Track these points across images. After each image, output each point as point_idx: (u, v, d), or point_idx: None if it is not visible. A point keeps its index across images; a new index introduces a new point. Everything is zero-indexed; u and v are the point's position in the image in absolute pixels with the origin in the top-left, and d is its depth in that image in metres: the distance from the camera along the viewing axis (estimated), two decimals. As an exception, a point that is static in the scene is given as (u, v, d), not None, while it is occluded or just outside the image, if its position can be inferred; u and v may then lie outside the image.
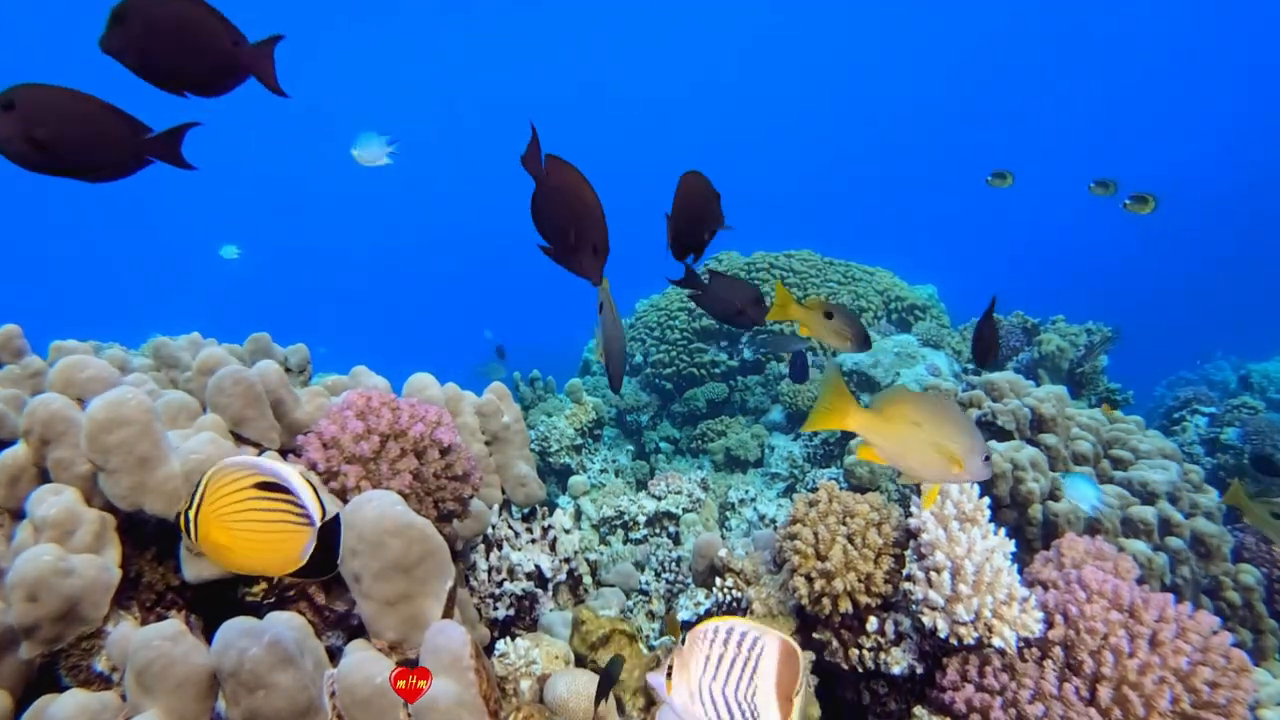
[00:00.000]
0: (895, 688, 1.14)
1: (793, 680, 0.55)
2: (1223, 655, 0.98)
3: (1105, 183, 2.51)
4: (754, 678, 0.54)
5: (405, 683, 0.72)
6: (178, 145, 0.81)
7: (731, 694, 0.54)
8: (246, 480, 0.57)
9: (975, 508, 1.09)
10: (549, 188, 0.92)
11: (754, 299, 1.22)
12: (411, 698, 0.75)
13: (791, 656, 0.55)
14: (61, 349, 1.11)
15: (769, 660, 0.54)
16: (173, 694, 0.76)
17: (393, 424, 1.04)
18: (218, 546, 0.58)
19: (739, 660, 0.54)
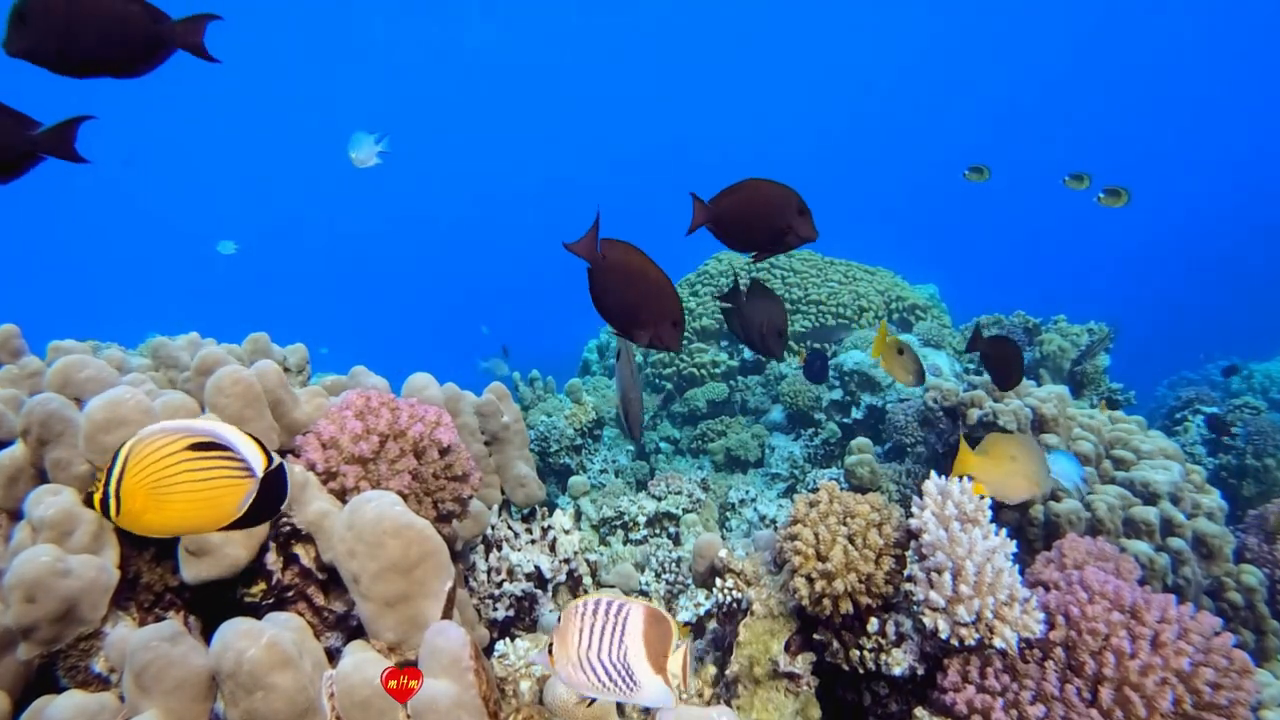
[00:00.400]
0: (896, 689, 1.14)
1: (663, 639, 0.61)
2: (1225, 656, 0.98)
3: (1079, 176, 2.51)
4: (623, 640, 0.60)
5: (397, 683, 0.72)
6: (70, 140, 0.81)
7: (606, 658, 0.60)
8: (177, 444, 0.56)
9: (976, 508, 1.09)
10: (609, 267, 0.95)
11: (777, 330, 1.19)
12: (403, 698, 0.74)
13: (658, 619, 0.61)
14: (59, 349, 1.11)
15: (635, 623, 0.60)
16: (171, 695, 0.76)
17: (392, 424, 1.03)
18: (144, 516, 0.56)
19: (608, 627, 0.60)
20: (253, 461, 0.58)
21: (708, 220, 1.07)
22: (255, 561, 0.93)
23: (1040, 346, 2.85)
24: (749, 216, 1.03)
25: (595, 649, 0.60)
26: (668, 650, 0.61)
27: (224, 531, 0.60)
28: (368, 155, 2.34)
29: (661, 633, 0.61)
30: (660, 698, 0.61)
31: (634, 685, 0.61)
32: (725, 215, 1.06)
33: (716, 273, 3.77)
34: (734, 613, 1.28)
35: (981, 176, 2.63)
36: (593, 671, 0.60)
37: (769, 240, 1.07)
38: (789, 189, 1.05)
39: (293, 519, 0.97)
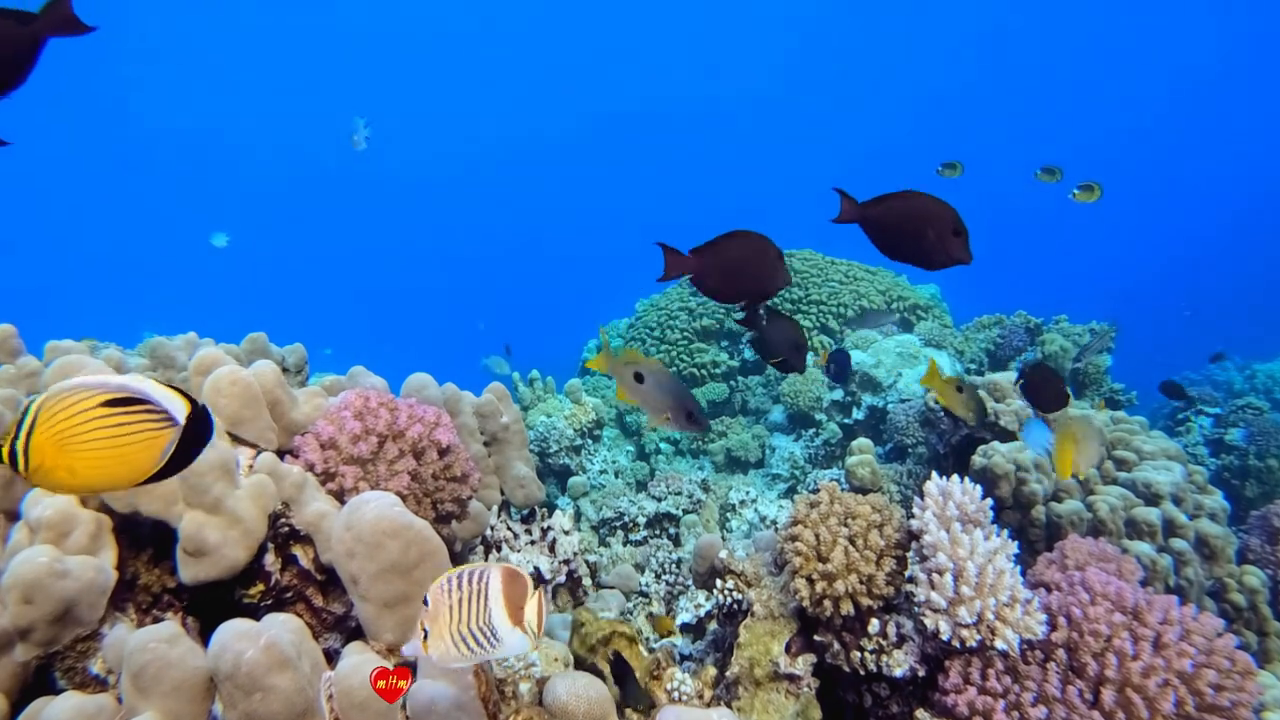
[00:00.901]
0: (897, 690, 1.13)
1: (520, 594, 0.63)
2: (1227, 658, 0.97)
3: (1051, 170, 2.49)
4: (486, 603, 0.62)
5: (386, 683, 0.72)
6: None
7: (472, 625, 0.62)
8: (90, 400, 0.55)
9: (978, 509, 1.09)
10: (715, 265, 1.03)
11: (795, 344, 1.23)
12: (392, 698, 0.74)
13: (515, 577, 0.63)
14: (57, 349, 1.11)
15: (494, 584, 0.62)
16: (169, 696, 0.76)
17: (391, 424, 1.03)
18: (54, 472, 0.55)
19: (470, 595, 0.62)
20: (173, 410, 0.57)
21: (858, 219, 1.06)
22: (254, 562, 0.92)
23: (1042, 346, 2.84)
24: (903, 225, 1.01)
25: (464, 619, 0.62)
26: (524, 603, 0.63)
27: (148, 484, 0.59)
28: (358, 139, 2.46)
29: (519, 588, 0.63)
30: (518, 646, 0.63)
31: (496, 642, 0.63)
32: (879, 219, 1.04)
33: (717, 273, 3.76)
34: (734, 614, 1.28)
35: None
36: (463, 642, 0.62)
37: (916, 254, 1.06)
38: (948, 206, 1.02)
39: (291, 520, 0.97)
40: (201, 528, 0.87)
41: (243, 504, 0.90)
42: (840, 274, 3.56)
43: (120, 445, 0.56)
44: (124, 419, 0.56)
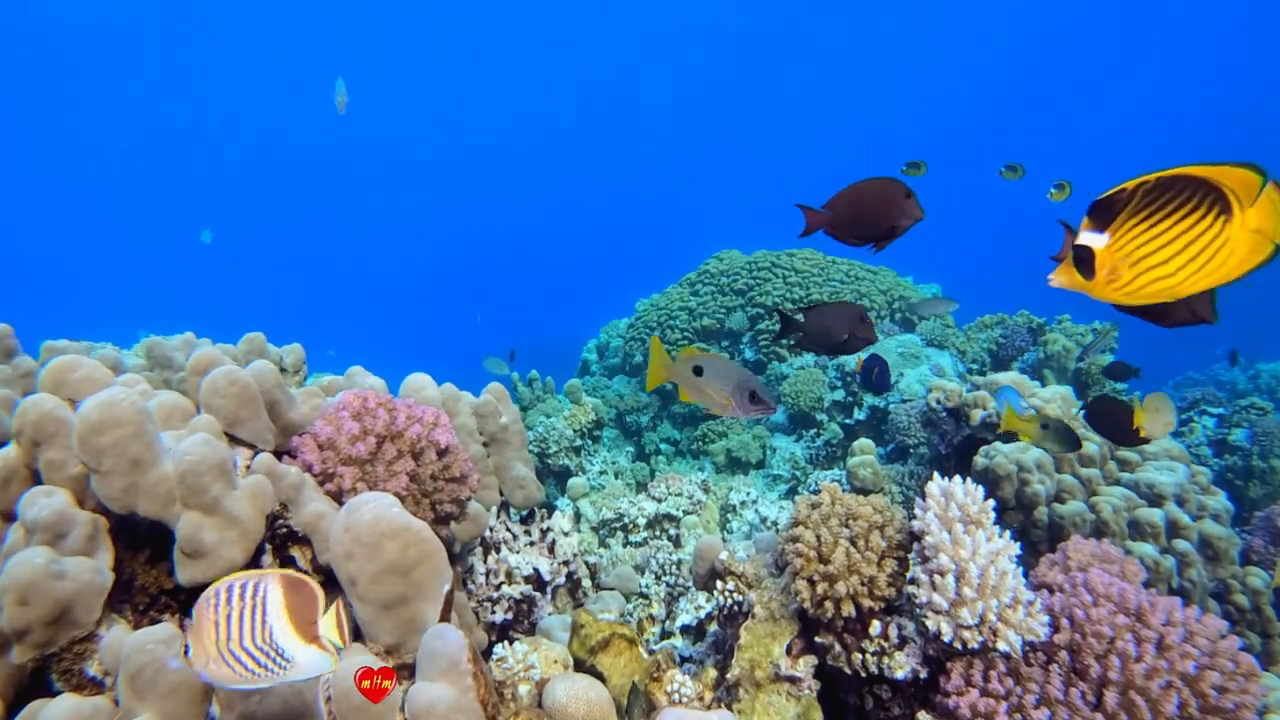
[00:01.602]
0: (899, 692, 1.13)
1: (308, 606, 0.57)
2: (1231, 659, 0.97)
3: (1013, 167, 2.50)
4: (266, 619, 0.56)
5: (370, 683, 0.71)
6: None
7: (250, 643, 0.56)
8: None
9: (980, 510, 1.08)
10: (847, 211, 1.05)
11: (858, 316, 1.17)
12: (376, 698, 0.74)
13: (298, 586, 0.57)
14: (53, 349, 1.10)
15: (274, 598, 0.56)
16: (166, 699, 0.75)
17: (389, 425, 1.03)
18: None
19: (245, 610, 0.56)
20: None
21: (822, 225, 1.12)
22: (251, 564, 0.92)
23: (1044, 346, 2.83)
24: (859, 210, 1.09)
25: (236, 637, 0.56)
26: (315, 616, 0.57)
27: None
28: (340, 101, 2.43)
29: (305, 599, 0.57)
30: (316, 667, 0.58)
31: (287, 663, 0.57)
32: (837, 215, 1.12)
33: (717, 271, 3.76)
34: (735, 615, 1.27)
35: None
36: (238, 663, 0.56)
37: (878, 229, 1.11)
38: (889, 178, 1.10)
39: (289, 521, 0.96)
40: (199, 528, 0.86)
41: (240, 505, 0.90)
42: (842, 274, 3.55)
43: None
44: None
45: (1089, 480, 1.73)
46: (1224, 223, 0.71)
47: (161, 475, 0.85)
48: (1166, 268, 0.74)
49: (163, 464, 0.86)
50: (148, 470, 0.85)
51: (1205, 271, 0.74)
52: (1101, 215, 0.73)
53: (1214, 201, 0.71)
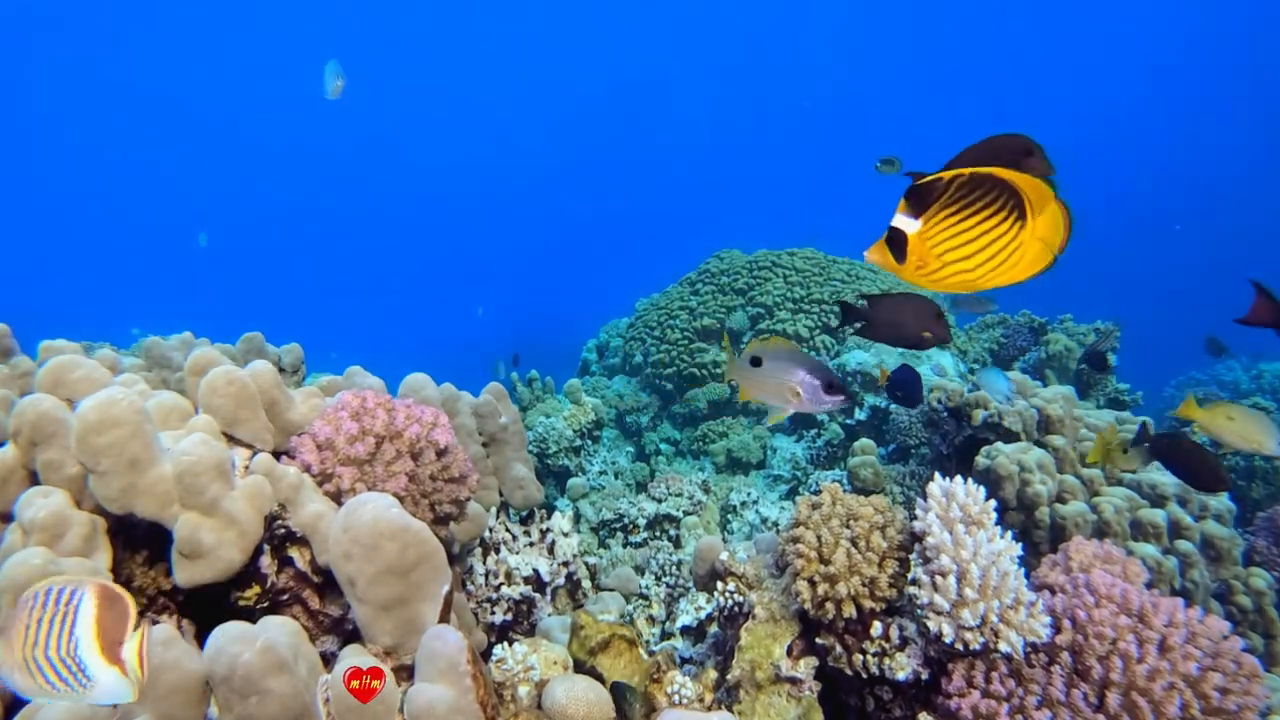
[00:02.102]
0: (900, 694, 1.12)
1: (118, 624, 0.53)
2: (1233, 661, 0.96)
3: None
4: (74, 630, 0.53)
5: (359, 683, 0.71)
6: None
7: (55, 654, 0.53)
8: None
9: (981, 510, 1.07)
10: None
11: (934, 313, 1.11)
12: (365, 698, 0.73)
13: (112, 600, 0.54)
14: (51, 349, 1.10)
15: (86, 609, 0.53)
16: (164, 700, 0.75)
17: (388, 425, 1.02)
18: None
19: (57, 617, 0.53)
20: None
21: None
22: (250, 565, 0.92)
23: (1046, 346, 2.82)
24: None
25: (43, 645, 0.52)
26: (123, 636, 0.53)
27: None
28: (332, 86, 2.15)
29: (116, 616, 0.53)
30: (114, 693, 0.54)
31: (88, 682, 0.53)
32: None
33: (717, 271, 3.76)
34: (735, 616, 1.26)
35: (893, 168, 2.55)
36: (39, 672, 0.52)
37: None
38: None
39: (288, 521, 0.96)
40: (197, 529, 0.86)
41: (239, 505, 0.90)
42: (843, 273, 3.55)
43: None
44: None
45: (1091, 480, 1.72)
46: (1019, 228, 0.75)
47: (159, 476, 0.85)
48: (968, 262, 0.76)
49: (161, 464, 0.86)
50: (146, 470, 0.84)
51: (1000, 271, 0.77)
52: (917, 202, 0.75)
53: (1014, 206, 0.74)
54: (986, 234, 0.75)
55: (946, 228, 0.75)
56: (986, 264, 0.76)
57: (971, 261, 0.76)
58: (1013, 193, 0.74)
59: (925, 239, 0.76)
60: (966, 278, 0.78)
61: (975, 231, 0.75)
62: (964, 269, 0.77)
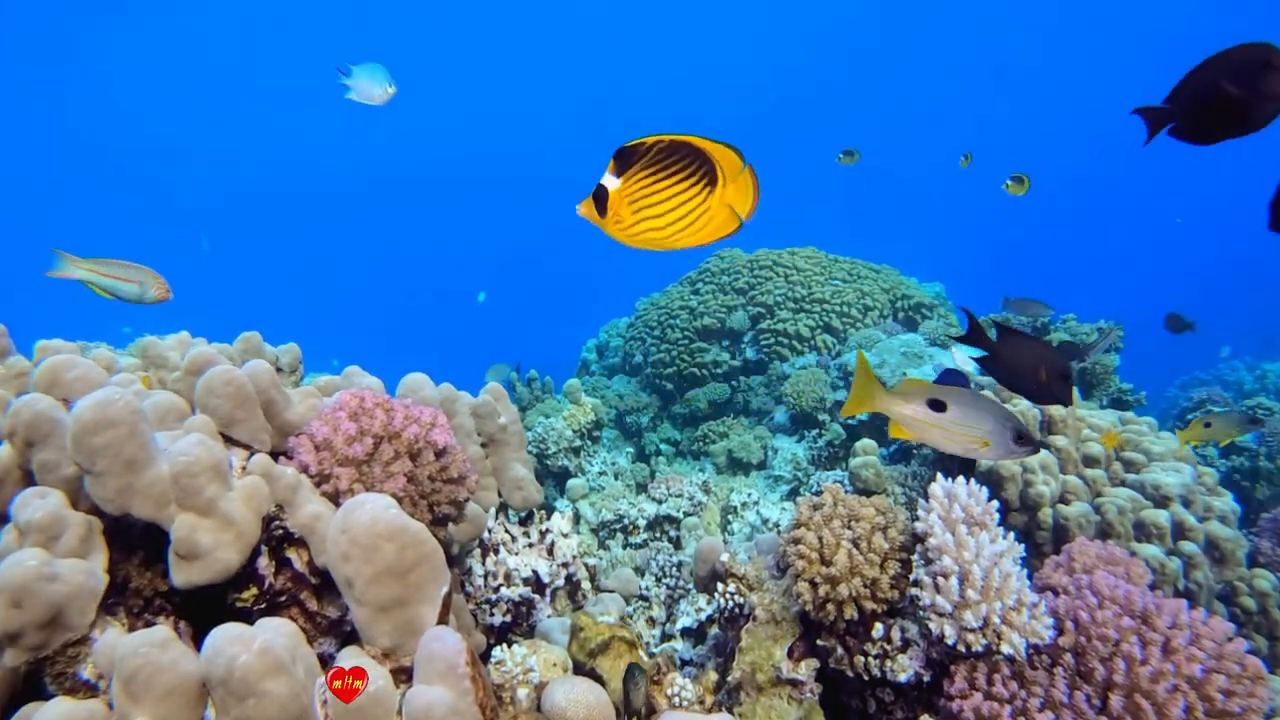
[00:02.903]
0: (902, 696, 1.11)
1: None
2: (1237, 662, 0.96)
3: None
4: None
5: (341, 683, 0.70)
6: None
7: None
8: None
9: (984, 511, 1.07)
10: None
11: (1061, 374, 1.04)
12: (348, 698, 0.73)
13: None
14: (47, 349, 1.10)
15: None
16: (161, 702, 0.74)
17: (386, 425, 1.02)
18: None
19: None
20: None
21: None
22: (247, 566, 0.91)
23: (1047, 346, 2.81)
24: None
25: None
26: None
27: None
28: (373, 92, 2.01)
29: None
30: None
31: None
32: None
33: (718, 270, 3.75)
34: (736, 618, 1.26)
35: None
36: None
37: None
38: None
39: (285, 522, 0.95)
40: (194, 530, 0.86)
41: (236, 506, 0.89)
42: (844, 272, 3.54)
43: None
44: None
45: (1094, 481, 1.71)
46: (709, 193, 0.81)
47: (156, 476, 0.85)
48: (659, 220, 0.82)
49: (157, 465, 0.85)
50: (142, 471, 0.84)
51: (688, 232, 0.83)
52: (622, 161, 0.80)
53: (706, 173, 0.81)
54: (677, 196, 0.81)
55: (643, 187, 0.80)
56: (676, 224, 0.82)
57: (662, 220, 0.82)
58: (706, 160, 0.80)
59: (623, 196, 0.81)
60: (657, 235, 0.83)
61: (668, 193, 0.80)
62: (655, 227, 0.82)
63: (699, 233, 0.83)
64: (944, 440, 0.98)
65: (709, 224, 0.83)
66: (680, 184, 0.80)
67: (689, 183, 0.80)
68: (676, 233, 0.83)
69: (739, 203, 0.83)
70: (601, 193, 0.81)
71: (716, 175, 0.81)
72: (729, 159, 0.81)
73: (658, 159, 0.79)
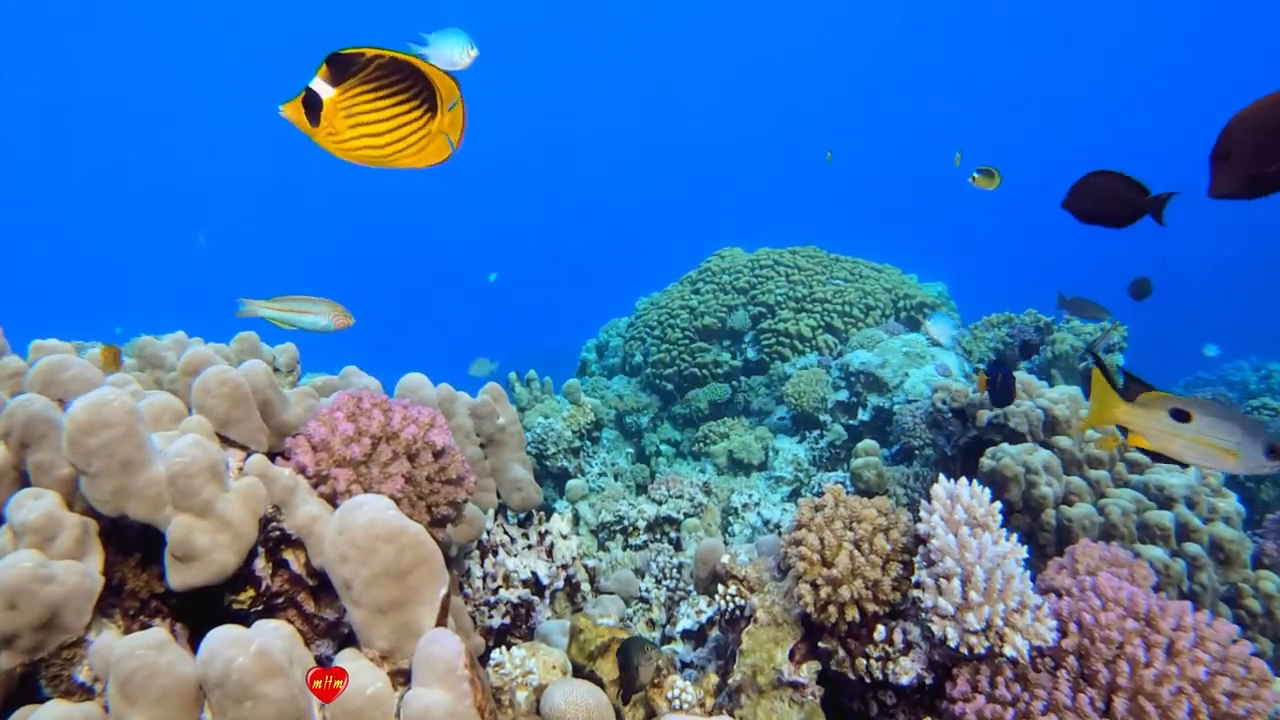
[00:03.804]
0: (904, 698, 1.11)
1: None
2: (1242, 665, 0.95)
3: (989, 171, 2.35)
4: None
5: (322, 683, 0.70)
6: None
7: None
8: None
9: (986, 512, 1.06)
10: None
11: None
12: (328, 698, 0.72)
13: None
14: (42, 348, 1.09)
15: None
16: (157, 705, 0.74)
17: (384, 426, 1.01)
18: None
19: None
20: None
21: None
22: (244, 567, 0.90)
23: (1052, 346, 2.80)
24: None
25: None
26: None
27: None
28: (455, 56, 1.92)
29: None
30: None
31: None
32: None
33: (719, 269, 3.75)
34: (737, 620, 1.25)
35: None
36: None
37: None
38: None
39: (282, 524, 0.95)
40: (190, 531, 0.85)
41: (233, 507, 0.88)
42: (845, 271, 3.53)
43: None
44: None
45: (1097, 482, 1.70)
46: (429, 118, 0.81)
47: (152, 477, 0.84)
48: (377, 139, 0.81)
49: (153, 466, 0.85)
50: (138, 472, 0.83)
51: (406, 154, 0.82)
52: (337, 70, 0.78)
53: (427, 97, 0.80)
54: (398, 117, 0.80)
55: (362, 101, 0.79)
56: (394, 145, 0.81)
57: (381, 140, 0.81)
58: (427, 85, 0.79)
59: (339, 107, 0.79)
60: (374, 153, 0.82)
61: (388, 112, 0.79)
62: (373, 144, 0.81)
63: (416, 155, 0.82)
64: (1187, 451, 0.94)
65: (426, 148, 0.83)
66: (402, 104, 0.79)
67: (411, 104, 0.79)
68: (395, 153, 0.82)
69: (453, 131, 0.83)
70: (314, 99, 0.78)
71: (435, 101, 0.80)
72: (448, 86, 0.80)
73: (379, 75, 0.78)
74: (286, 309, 1.46)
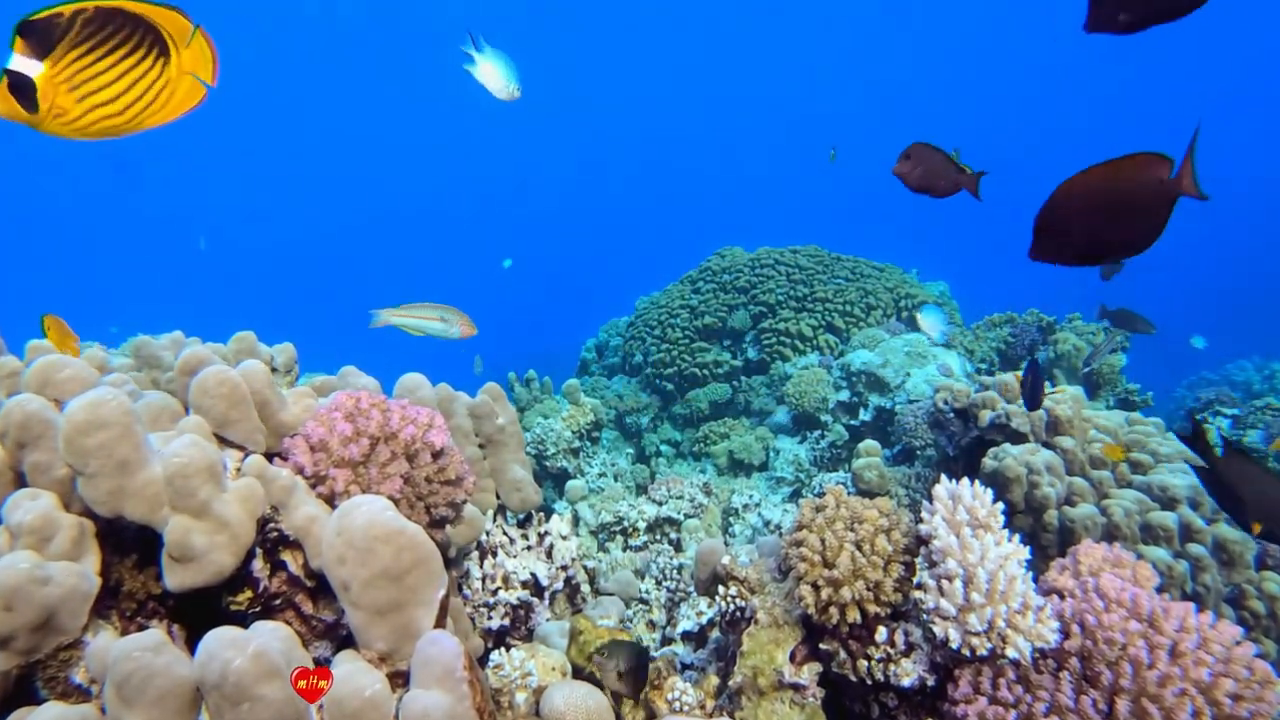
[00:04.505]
0: (905, 700, 1.10)
1: None
2: (1246, 667, 0.94)
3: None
4: None
5: (306, 683, 0.69)
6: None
7: None
8: None
9: (988, 513, 1.05)
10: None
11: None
12: (313, 698, 0.71)
13: None
14: (39, 348, 1.09)
15: None
16: (154, 706, 0.73)
17: (383, 426, 1.01)
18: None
19: None
20: None
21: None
22: (241, 568, 0.90)
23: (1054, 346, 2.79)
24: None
25: None
26: None
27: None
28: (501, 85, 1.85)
29: None
30: None
31: None
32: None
33: (719, 269, 3.74)
34: (737, 621, 1.25)
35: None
36: None
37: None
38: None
39: (280, 524, 0.94)
40: (188, 532, 0.85)
41: (230, 508, 0.88)
42: (846, 270, 3.52)
43: None
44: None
45: (1100, 483, 1.69)
46: (164, 64, 0.73)
47: (149, 478, 0.84)
48: (113, 105, 0.72)
49: (151, 466, 0.84)
50: (135, 472, 0.83)
51: (151, 110, 0.74)
52: (38, 41, 0.68)
53: (154, 41, 0.72)
54: (129, 73, 0.72)
55: (80, 69, 0.70)
56: (134, 105, 0.73)
57: (117, 104, 0.73)
58: (149, 28, 0.71)
59: (56, 83, 0.70)
60: (115, 122, 0.74)
61: (115, 71, 0.71)
62: (110, 112, 0.73)
63: (164, 108, 0.75)
64: None
65: (173, 98, 0.75)
66: (128, 58, 0.71)
67: (138, 55, 0.71)
68: (139, 114, 0.74)
69: (200, 68, 0.75)
70: (21, 80, 0.67)
71: (166, 42, 0.72)
72: (174, 21, 0.72)
73: (90, 33, 0.69)
74: (417, 316, 1.48)
